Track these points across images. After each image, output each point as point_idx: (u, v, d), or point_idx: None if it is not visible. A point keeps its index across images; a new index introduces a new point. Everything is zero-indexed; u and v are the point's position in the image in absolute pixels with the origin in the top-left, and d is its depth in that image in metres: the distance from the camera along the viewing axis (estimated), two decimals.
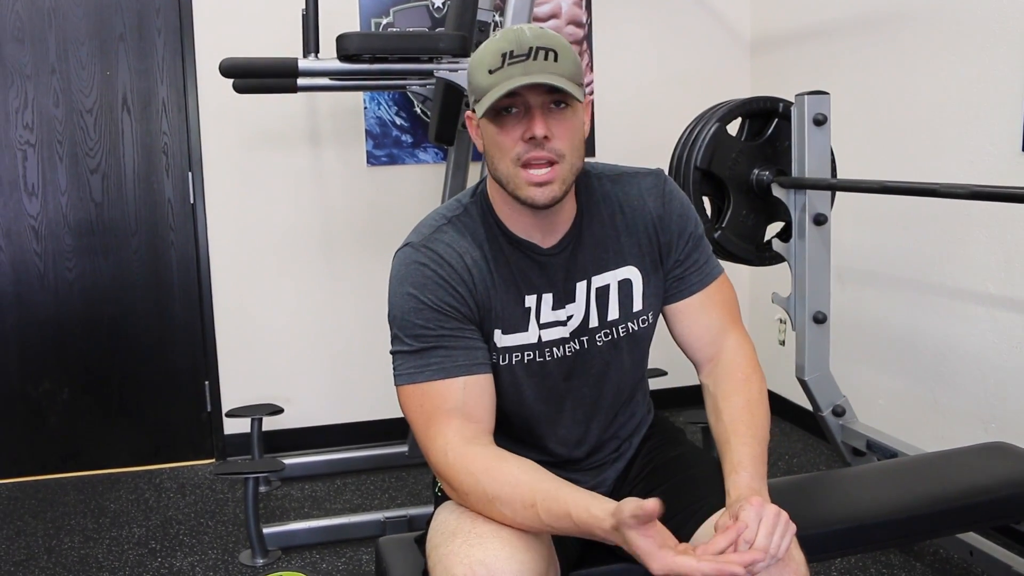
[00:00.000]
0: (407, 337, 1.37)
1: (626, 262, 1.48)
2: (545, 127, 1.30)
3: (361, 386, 3.64)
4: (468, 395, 1.35)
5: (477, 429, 1.35)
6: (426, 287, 1.37)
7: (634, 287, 1.49)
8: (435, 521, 1.38)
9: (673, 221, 1.50)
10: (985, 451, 2.02)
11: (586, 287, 1.46)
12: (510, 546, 1.24)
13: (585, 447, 1.53)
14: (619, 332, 1.49)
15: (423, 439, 1.37)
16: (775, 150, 2.56)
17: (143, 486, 3.29)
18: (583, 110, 1.38)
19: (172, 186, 3.40)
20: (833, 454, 3.27)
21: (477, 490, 1.28)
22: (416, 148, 3.59)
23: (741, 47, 3.90)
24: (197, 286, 3.45)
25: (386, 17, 3.50)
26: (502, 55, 1.30)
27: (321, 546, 2.72)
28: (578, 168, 1.37)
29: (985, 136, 2.57)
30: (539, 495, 1.23)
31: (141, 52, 3.32)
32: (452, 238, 1.42)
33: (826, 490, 1.88)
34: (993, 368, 2.61)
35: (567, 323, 1.46)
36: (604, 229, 1.48)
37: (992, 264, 2.59)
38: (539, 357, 1.45)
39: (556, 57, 1.30)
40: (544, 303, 1.44)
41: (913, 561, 2.49)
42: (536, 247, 1.44)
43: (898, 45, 2.92)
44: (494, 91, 1.29)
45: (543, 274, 1.44)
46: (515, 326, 1.43)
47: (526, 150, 1.31)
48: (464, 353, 1.37)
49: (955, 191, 1.78)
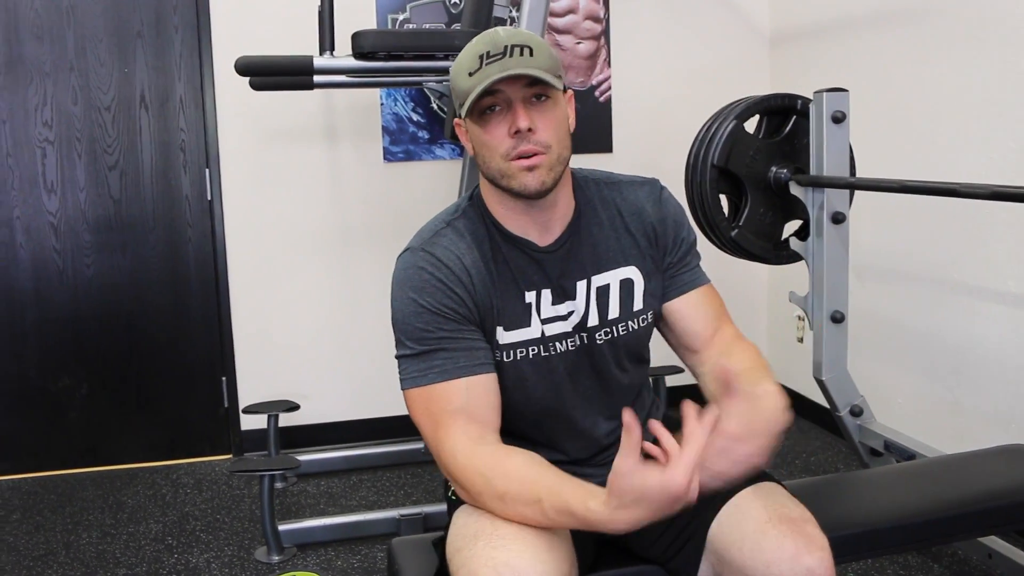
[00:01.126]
0: (409, 341, 1.40)
1: (628, 262, 1.51)
2: (528, 119, 1.34)
3: (378, 382, 3.63)
4: (471, 395, 1.37)
5: (483, 428, 1.36)
6: (424, 290, 1.39)
7: (635, 287, 1.52)
8: (454, 525, 1.38)
9: (669, 226, 1.54)
10: (1004, 454, 2.00)
11: (586, 286, 1.48)
12: (533, 547, 1.24)
13: (596, 444, 1.54)
14: (619, 331, 1.51)
15: (432, 442, 1.38)
16: (793, 147, 2.53)
17: (160, 481, 3.31)
18: (565, 102, 1.41)
19: (189, 182, 3.41)
20: (851, 453, 3.25)
21: (488, 489, 1.29)
22: (433, 144, 3.59)
23: (760, 42, 3.86)
24: (214, 282, 3.46)
25: (403, 13, 3.49)
26: (479, 57, 1.34)
27: (336, 543, 2.73)
28: (566, 159, 1.41)
29: (1009, 134, 2.53)
30: (543, 491, 1.24)
31: (159, 49, 3.34)
32: (451, 241, 1.44)
33: (843, 493, 1.86)
34: (1015, 368, 2.57)
35: (568, 318, 1.48)
36: (603, 230, 1.51)
37: (1013, 262, 2.55)
38: (544, 351, 1.46)
39: (531, 52, 1.34)
40: (544, 298, 1.46)
41: (931, 563, 2.47)
42: (533, 245, 1.46)
43: (919, 40, 2.89)
44: (475, 90, 1.33)
45: (540, 270, 1.46)
46: (517, 322, 1.45)
47: (513, 145, 1.35)
48: (465, 354, 1.39)
49: (976, 191, 1.76)
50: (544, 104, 1.36)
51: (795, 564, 1.27)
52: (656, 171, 1.68)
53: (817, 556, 1.27)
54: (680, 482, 1.10)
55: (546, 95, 1.36)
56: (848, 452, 3.28)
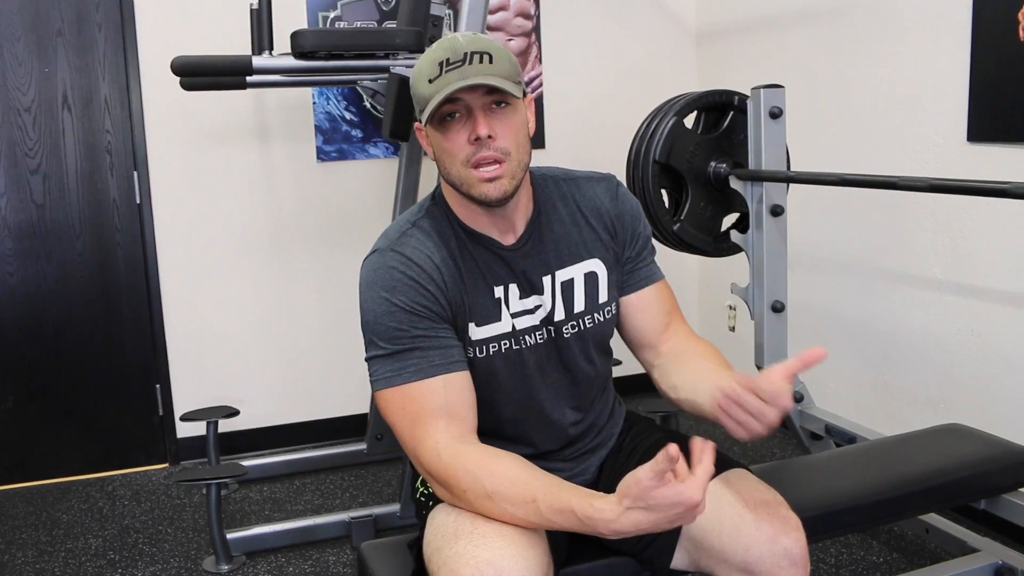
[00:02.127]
0: (382, 341, 1.40)
1: (591, 255, 1.54)
2: (488, 127, 1.35)
3: (317, 384, 3.60)
4: (449, 394, 1.38)
5: (463, 427, 1.38)
6: (396, 289, 1.39)
7: (599, 279, 1.54)
8: (431, 525, 1.38)
9: (627, 221, 1.58)
10: (943, 433, 2.09)
11: (551, 281, 1.51)
12: (515, 544, 1.26)
13: (565, 437, 1.56)
14: (585, 323, 1.53)
15: (410, 442, 1.38)
16: (731, 143, 2.60)
17: (95, 494, 3.21)
18: (525, 108, 1.43)
19: (117, 186, 3.31)
20: (787, 439, 3.35)
21: (475, 487, 1.29)
22: (366, 143, 3.56)
23: (687, 39, 3.94)
24: (145, 287, 3.37)
25: (333, 11, 3.45)
26: (439, 64, 1.35)
27: (287, 549, 2.70)
28: (526, 164, 1.43)
29: (931, 126, 2.65)
30: (539, 491, 1.26)
31: (81, 48, 3.22)
32: (418, 240, 1.45)
33: (798, 478, 1.92)
34: (941, 350, 2.70)
35: (535, 312, 1.50)
36: (564, 226, 1.53)
37: (939, 250, 2.67)
38: (515, 345, 1.48)
39: (491, 59, 1.35)
40: (512, 293, 1.48)
41: (870, 540, 2.57)
42: (497, 243, 1.48)
43: (843, 37, 2.99)
44: (435, 98, 1.34)
45: (506, 266, 1.48)
46: (488, 317, 1.46)
47: (474, 152, 1.36)
48: (440, 352, 1.39)
49: (915, 184, 1.84)
50: (504, 111, 1.37)
51: (773, 545, 1.33)
52: (588, 166, 1.70)
53: (793, 536, 1.34)
54: (695, 496, 1.14)
55: (506, 102, 1.37)
56: (783, 438, 3.38)
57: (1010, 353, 2.47)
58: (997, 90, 2.41)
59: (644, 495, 1.15)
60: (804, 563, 1.35)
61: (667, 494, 1.15)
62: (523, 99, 1.42)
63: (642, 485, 1.15)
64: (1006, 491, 1.97)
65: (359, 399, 3.57)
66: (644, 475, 1.14)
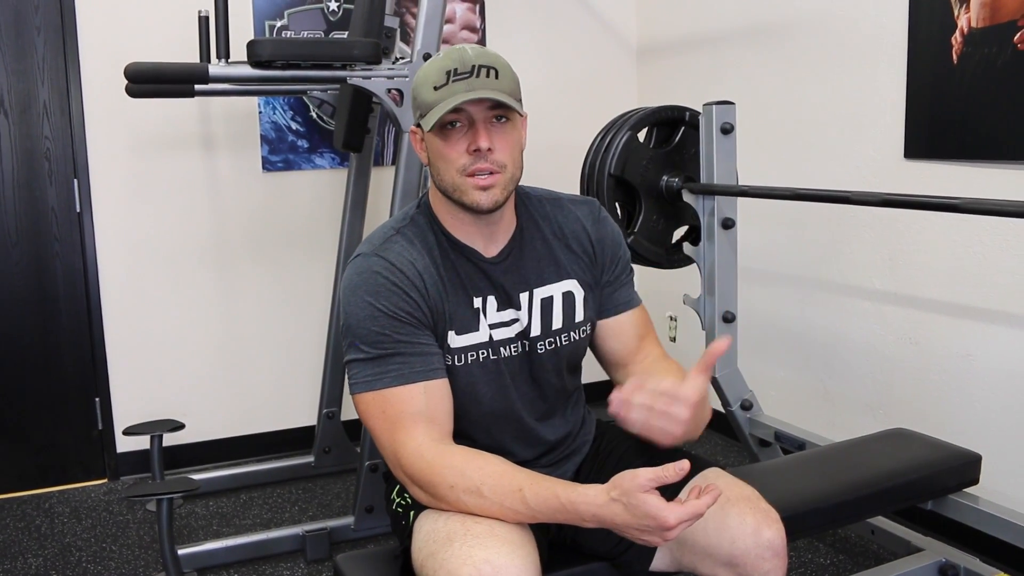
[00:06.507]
0: (364, 344, 1.42)
1: (569, 275, 1.59)
2: (488, 140, 1.40)
3: (261, 397, 3.55)
4: (429, 400, 1.41)
5: (442, 432, 1.41)
6: (380, 294, 1.42)
7: (576, 299, 1.59)
8: (419, 532, 1.40)
9: (608, 245, 1.63)
10: (891, 438, 2.18)
11: (528, 298, 1.54)
12: (509, 543, 1.29)
13: (543, 443, 1.60)
14: (561, 341, 1.58)
15: (389, 445, 1.40)
16: (682, 157, 2.67)
17: (31, 512, 3.10)
18: (522, 124, 1.49)
19: (56, 194, 3.22)
20: (730, 446, 3.44)
21: (463, 482, 1.33)
22: (312, 153, 3.54)
23: (628, 55, 4.02)
24: (85, 299, 3.27)
25: (280, 20, 3.43)
26: (446, 73, 1.39)
27: (240, 564, 2.65)
28: (517, 178, 1.48)
29: (870, 143, 2.76)
30: (524, 481, 1.31)
31: (18, 51, 3.13)
32: (402, 247, 1.48)
33: (755, 482, 1.96)
34: (880, 358, 2.81)
35: (511, 325, 1.53)
36: (546, 245, 1.58)
37: (877, 262, 2.79)
38: (492, 355, 1.51)
39: (497, 75, 1.40)
40: (490, 304, 1.51)
41: (816, 543, 2.66)
42: (479, 254, 1.51)
43: (784, 56, 3.10)
44: (441, 106, 1.37)
45: (486, 278, 1.52)
46: (467, 326, 1.49)
47: (471, 161, 1.41)
48: (421, 359, 1.42)
49: (868, 199, 1.92)
50: (504, 125, 1.43)
51: (757, 537, 1.39)
52: (531, 179, 1.72)
53: (775, 528, 1.41)
54: (669, 520, 1.18)
55: (507, 117, 1.42)
56: (727, 445, 3.47)
57: (946, 360, 2.59)
58: (932, 110, 2.54)
59: (632, 492, 1.19)
60: (784, 554, 1.42)
61: (649, 502, 1.18)
62: (522, 116, 1.47)
63: (636, 482, 1.19)
64: (952, 491, 2.07)
65: (306, 411, 3.54)
66: (643, 474, 1.18)
